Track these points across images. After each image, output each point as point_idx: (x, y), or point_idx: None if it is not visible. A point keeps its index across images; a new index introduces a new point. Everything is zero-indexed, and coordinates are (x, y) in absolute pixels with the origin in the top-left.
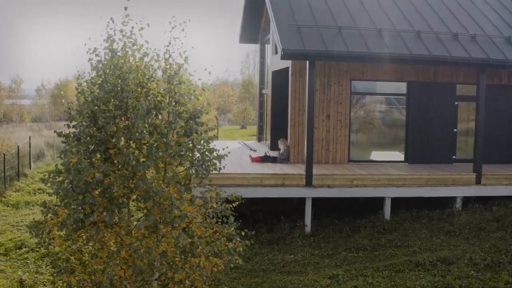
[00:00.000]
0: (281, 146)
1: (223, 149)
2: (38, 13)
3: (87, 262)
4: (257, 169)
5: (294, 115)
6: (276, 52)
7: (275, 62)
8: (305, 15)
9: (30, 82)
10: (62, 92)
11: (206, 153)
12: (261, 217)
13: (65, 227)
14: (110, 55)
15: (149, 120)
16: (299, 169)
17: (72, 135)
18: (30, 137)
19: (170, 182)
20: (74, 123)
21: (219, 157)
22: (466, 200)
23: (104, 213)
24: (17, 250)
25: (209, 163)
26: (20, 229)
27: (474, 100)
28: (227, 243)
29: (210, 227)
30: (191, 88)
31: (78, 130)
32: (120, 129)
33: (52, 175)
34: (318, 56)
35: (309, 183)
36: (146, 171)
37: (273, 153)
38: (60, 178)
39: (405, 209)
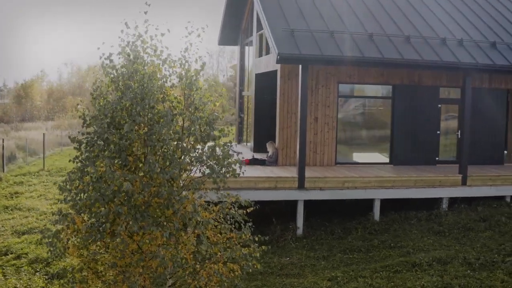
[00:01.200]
0: (269, 148)
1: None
2: (38, 13)
3: (102, 272)
4: (251, 172)
5: (282, 117)
6: (261, 55)
7: (259, 65)
8: (297, 19)
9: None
10: (79, 106)
11: (225, 158)
12: (251, 220)
13: (90, 236)
14: (130, 61)
15: (171, 127)
16: (290, 172)
17: (85, 141)
18: (3, 139)
19: (188, 189)
20: (82, 129)
21: (238, 162)
22: (452, 201)
23: (130, 222)
24: (3, 257)
25: (228, 169)
26: (3, 235)
27: (456, 102)
28: (243, 249)
29: (225, 232)
30: (211, 94)
31: (95, 136)
32: (141, 136)
33: (70, 183)
34: (313, 60)
35: (301, 185)
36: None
37: (257, 155)
38: (79, 186)
39: (393, 210)
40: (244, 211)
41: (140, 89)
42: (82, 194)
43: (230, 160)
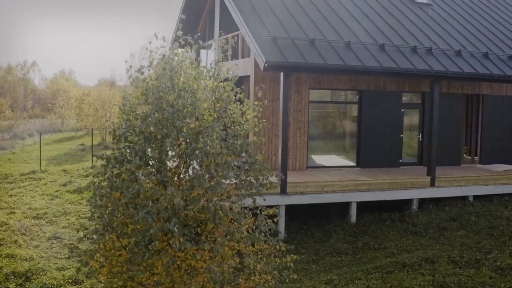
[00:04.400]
0: None
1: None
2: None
3: None
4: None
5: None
6: (226, 60)
7: (224, 69)
8: (276, 26)
9: None
10: (109, 122)
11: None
12: None
13: (136, 255)
14: (166, 74)
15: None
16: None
17: (113, 158)
18: None
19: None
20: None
21: (269, 172)
22: (421, 202)
23: (181, 239)
24: None
25: (264, 181)
26: None
27: (417, 107)
28: (275, 259)
29: (259, 243)
30: (248, 108)
31: (132, 152)
32: (182, 150)
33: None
34: (299, 68)
35: (283, 190)
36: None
37: None
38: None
39: (367, 212)
40: (272, 220)
41: (182, 102)
42: (117, 212)
43: (266, 172)
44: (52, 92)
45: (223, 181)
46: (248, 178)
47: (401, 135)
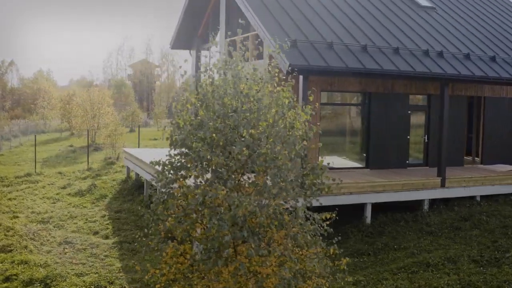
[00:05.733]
0: None
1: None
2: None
3: None
4: None
5: None
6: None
7: None
8: (294, 29)
9: None
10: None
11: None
12: None
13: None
14: (231, 80)
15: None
16: None
17: (168, 164)
18: None
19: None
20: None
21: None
22: (431, 202)
23: (253, 246)
24: None
25: (322, 186)
26: None
27: (423, 109)
28: (329, 262)
29: (314, 247)
30: (306, 113)
31: (196, 157)
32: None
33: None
34: (321, 71)
35: None
36: None
37: None
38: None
39: (380, 213)
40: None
41: (245, 108)
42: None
43: (323, 176)
44: (33, 92)
45: (289, 187)
46: (308, 182)
47: (408, 137)
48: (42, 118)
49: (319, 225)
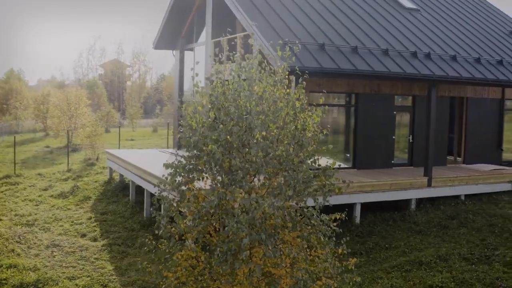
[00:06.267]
0: None
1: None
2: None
3: None
4: None
5: None
6: (221, 62)
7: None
8: (285, 30)
9: None
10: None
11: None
12: None
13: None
14: (246, 83)
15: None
16: None
17: (181, 166)
18: None
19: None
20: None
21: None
22: (418, 201)
23: (270, 247)
24: None
25: (332, 187)
26: None
27: (408, 110)
28: (337, 262)
29: (327, 247)
30: (317, 115)
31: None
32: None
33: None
34: (314, 73)
35: None
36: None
37: None
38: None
39: (368, 213)
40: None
41: (259, 110)
42: (197, 221)
43: (333, 178)
44: (5, 92)
45: (303, 188)
46: (319, 183)
47: (393, 137)
48: (15, 119)
49: (328, 226)
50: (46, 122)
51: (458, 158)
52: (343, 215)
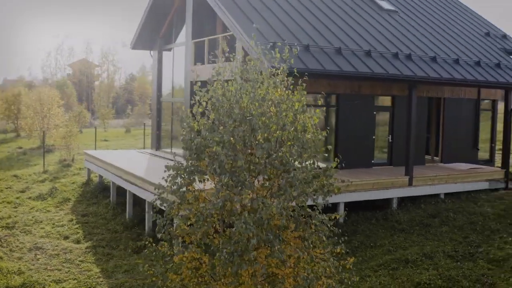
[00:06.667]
0: None
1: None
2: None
3: None
4: None
5: None
6: (201, 63)
7: (198, 72)
8: (269, 31)
9: None
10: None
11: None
12: None
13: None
14: (248, 85)
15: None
16: None
17: (183, 168)
18: None
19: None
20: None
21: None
22: (400, 200)
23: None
24: None
25: (330, 188)
26: None
27: (388, 110)
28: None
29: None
30: (317, 117)
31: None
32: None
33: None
34: (301, 74)
35: None
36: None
37: None
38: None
39: (351, 212)
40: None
41: (261, 111)
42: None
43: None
44: None
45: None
46: (318, 183)
47: (374, 137)
48: None
49: (327, 226)
50: (17, 123)
51: (435, 157)
52: (342, 215)
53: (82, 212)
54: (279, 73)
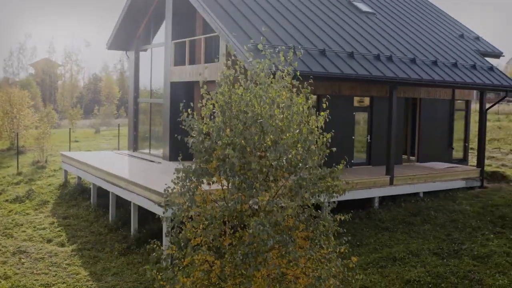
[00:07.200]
0: None
1: None
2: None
3: None
4: None
5: None
6: (180, 64)
7: (179, 73)
8: (255, 33)
9: None
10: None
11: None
12: None
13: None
14: (256, 88)
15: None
16: None
17: (192, 171)
18: None
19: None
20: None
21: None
22: (381, 199)
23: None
24: None
25: (337, 189)
26: None
27: (366, 110)
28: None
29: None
30: (323, 119)
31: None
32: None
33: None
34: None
35: None
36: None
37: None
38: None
39: (334, 211)
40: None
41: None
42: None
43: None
44: None
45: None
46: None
47: (353, 137)
48: None
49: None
50: None
51: (411, 157)
52: (347, 216)
53: (62, 215)
54: (284, 75)
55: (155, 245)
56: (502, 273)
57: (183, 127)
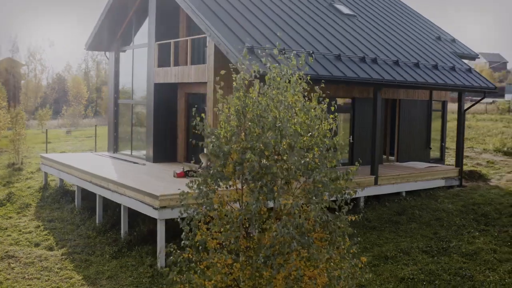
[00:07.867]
0: (203, 160)
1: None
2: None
3: None
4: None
5: None
6: (165, 65)
7: (164, 75)
8: (244, 35)
9: None
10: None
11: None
12: None
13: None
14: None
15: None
16: None
17: (209, 175)
18: None
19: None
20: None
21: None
22: (365, 199)
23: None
24: None
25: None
26: None
27: (348, 111)
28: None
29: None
30: (336, 123)
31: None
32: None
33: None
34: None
35: None
36: None
37: (187, 168)
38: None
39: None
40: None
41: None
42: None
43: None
44: None
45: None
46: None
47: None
48: None
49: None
50: None
51: (390, 156)
52: (358, 217)
53: (47, 218)
54: (296, 79)
55: (172, 249)
56: (491, 269)
57: (195, 131)
